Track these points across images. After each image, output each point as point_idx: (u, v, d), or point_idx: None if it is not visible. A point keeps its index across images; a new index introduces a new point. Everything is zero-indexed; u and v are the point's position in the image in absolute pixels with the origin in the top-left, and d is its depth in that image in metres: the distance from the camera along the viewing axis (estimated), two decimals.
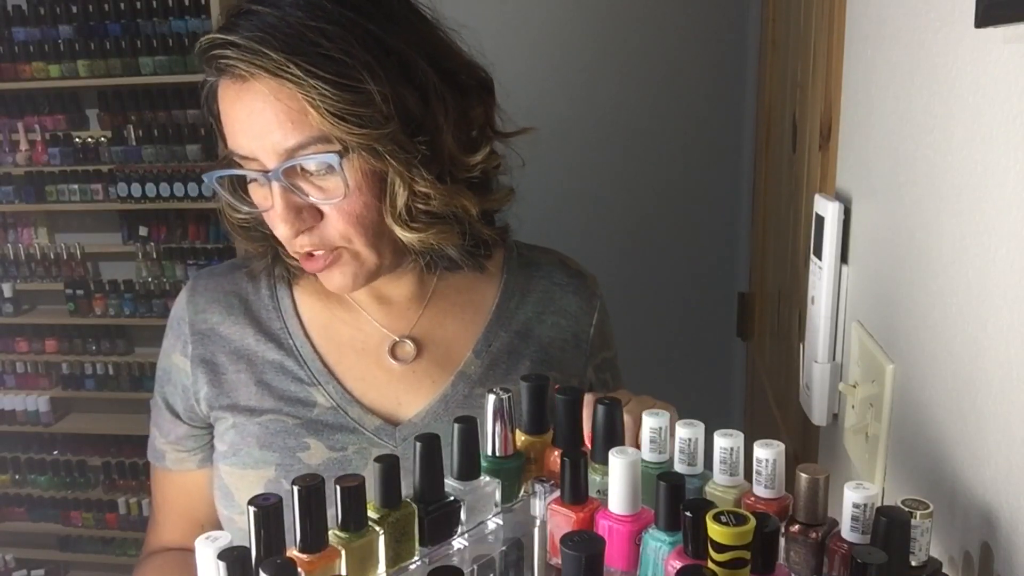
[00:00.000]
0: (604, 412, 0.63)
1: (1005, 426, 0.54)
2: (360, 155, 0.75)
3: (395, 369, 0.89)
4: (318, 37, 0.73)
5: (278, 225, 0.77)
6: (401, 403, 0.88)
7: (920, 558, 0.52)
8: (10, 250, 2.83)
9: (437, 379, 0.89)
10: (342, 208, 0.77)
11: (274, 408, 0.86)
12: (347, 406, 0.86)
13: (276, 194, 0.76)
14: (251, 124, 0.75)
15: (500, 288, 0.95)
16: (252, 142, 0.75)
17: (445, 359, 0.90)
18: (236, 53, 0.73)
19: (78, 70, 2.62)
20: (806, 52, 1.29)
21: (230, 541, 0.49)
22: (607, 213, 2.52)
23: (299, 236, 0.78)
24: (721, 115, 2.45)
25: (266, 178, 0.76)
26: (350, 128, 0.73)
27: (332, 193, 0.77)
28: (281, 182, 0.75)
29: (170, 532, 0.96)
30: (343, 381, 0.88)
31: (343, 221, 0.78)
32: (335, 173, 0.76)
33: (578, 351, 0.96)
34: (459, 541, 0.59)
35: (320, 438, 0.85)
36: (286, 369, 0.87)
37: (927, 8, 0.69)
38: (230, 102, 0.76)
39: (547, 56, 2.41)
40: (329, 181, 0.76)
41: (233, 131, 0.77)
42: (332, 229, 0.78)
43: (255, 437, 0.85)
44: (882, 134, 0.83)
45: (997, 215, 0.55)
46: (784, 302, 1.49)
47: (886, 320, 0.81)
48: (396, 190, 0.77)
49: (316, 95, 0.71)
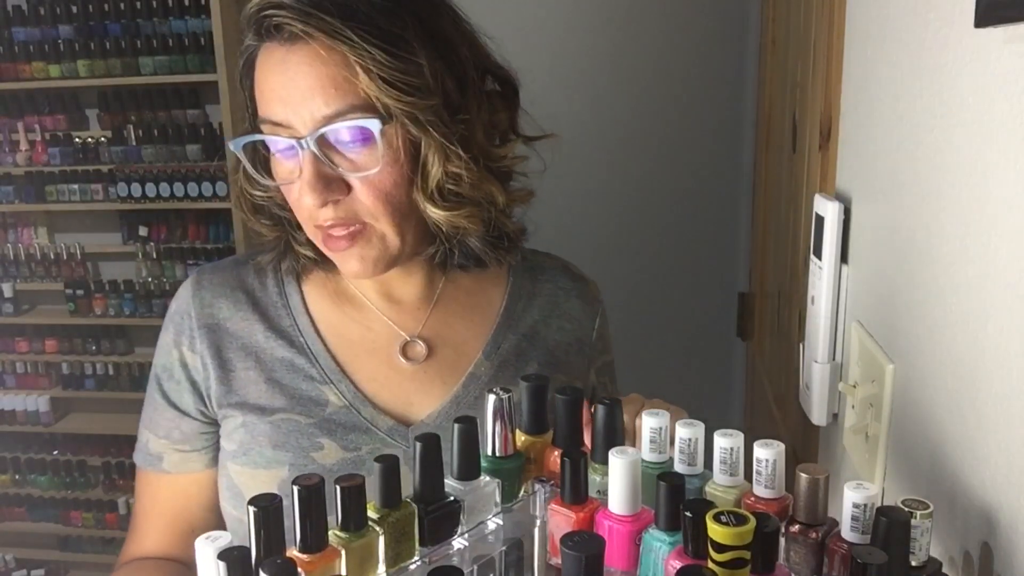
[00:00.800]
0: (604, 412, 0.63)
1: (1005, 426, 0.54)
2: (401, 125, 0.75)
3: (406, 369, 0.89)
4: (369, 8, 0.74)
5: (305, 195, 0.76)
6: (412, 404, 0.88)
7: (920, 558, 0.52)
8: (10, 250, 2.83)
9: (448, 380, 0.89)
10: (372, 182, 0.77)
11: (285, 407, 0.85)
12: (360, 406, 0.86)
13: (306, 161, 0.75)
14: (292, 88, 0.75)
15: (507, 291, 0.95)
16: (289, 107, 0.75)
17: (455, 360, 0.90)
18: (291, 13, 0.73)
19: (78, 70, 2.62)
20: (806, 52, 1.29)
21: (230, 541, 0.49)
22: (607, 213, 2.52)
23: (325, 207, 0.77)
24: (721, 115, 2.45)
25: (300, 145, 0.75)
26: (398, 95, 0.74)
27: (364, 166, 0.77)
28: (313, 150, 0.75)
29: (154, 541, 0.92)
30: (355, 380, 0.87)
31: (372, 196, 0.77)
32: (369, 146, 0.76)
33: (581, 355, 0.97)
34: (459, 541, 0.59)
35: (334, 438, 0.84)
36: (296, 367, 0.87)
37: (927, 8, 0.69)
38: (272, 65, 0.76)
39: (546, 56, 2.41)
40: (362, 154, 0.76)
41: (270, 96, 0.76)
42: (359, 204, 0.78)
43: (267, 436, 0.84)
44: (882, 134, 0.82)
45: (997, 215, 0.55)
46: (784, 302, 1.49)
47: (886, 320, 0.81)
48: (430, 167, 0.77)
49: (370, 60, 0.72)
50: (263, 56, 0.77)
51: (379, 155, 0.76)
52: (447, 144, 0.77)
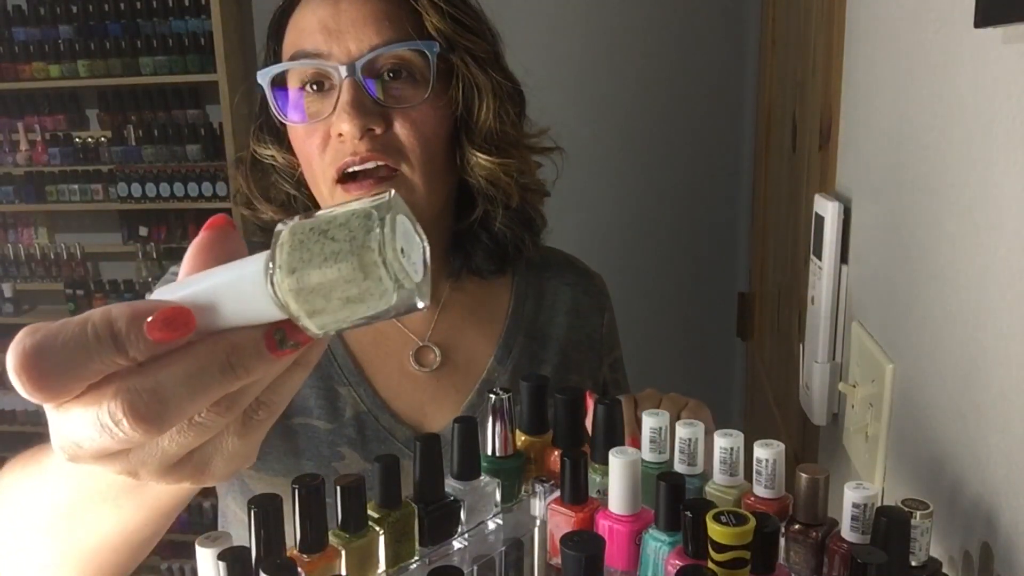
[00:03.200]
0: (604, 412, 0.63)
1: (1005, 426, 0.54)
2: (461, 60, 0.76)
3: (419, 376, 0.87)
4: None
5: (343, 122, 0.73)
6: (427, 413, 0.86)
7: (920, 558, 0.52)
8: (10, 250, 2.83)
9: (461, 387, 0.87)
10: (413, 118, 0.76)
11: (301, 409, 0.82)
12: (378, 412, 0.84)
13: (346, 88, 0.73)
14: (342, 18, 0.74)
15: (512, 292, 0.94)
16: (333, 37, 0.74)
17: (467, 366, 0.88)
18: None
19: (78, 70, 2.62)
20: (806, 51, 1.28)
21: (230, 541, 0.49)
22: (607, 213, 2.52)
23: (361, 140, 0.74)
24: (721, 115, 2.45)
25: (346, 69, 0.73)
26: (462, 31, 0.75)
27: (408, 98, 0.76)
28: (357, 76, 0.73)
29: None
30: (373, 384, 0.85)
31: (411, 132, 0.76)
32: (416, 83, 0.76)
33: (592, 351, 0.96)
34: (459, 541, 0.59)
35: (355, 448, 0.82)
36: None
37: (927, 8, 0.69)
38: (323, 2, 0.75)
39: (546, 56, 2.41)
40: (407, 89, 0.76)
41: (312, 28, 0.75)
42: (396, 140, 0.76)
43: (285, 443, 0.82)
44: (882, 134, 0.82)
45: (997, 215, 0.55)
46: (784, 302, 1.49)
47: (886, 320, 0.81)
48: (482, 110, 0.78)
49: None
50: (306, 2, 0.77)
51: (427, 86, 0.75)
52: (499, 89, 0.78)
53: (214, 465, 0.36)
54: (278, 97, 0.78)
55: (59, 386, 0.31)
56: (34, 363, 0.31)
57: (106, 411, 0.31)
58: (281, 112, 0.79)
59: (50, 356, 0.31)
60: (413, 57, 0.76)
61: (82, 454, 0.34)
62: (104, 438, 0.32)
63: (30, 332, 0.31)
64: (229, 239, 0.35)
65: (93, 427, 0.32)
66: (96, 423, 0.32)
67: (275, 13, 0.81)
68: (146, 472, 0.35)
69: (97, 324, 0.31)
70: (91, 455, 0.34)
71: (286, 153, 0.83)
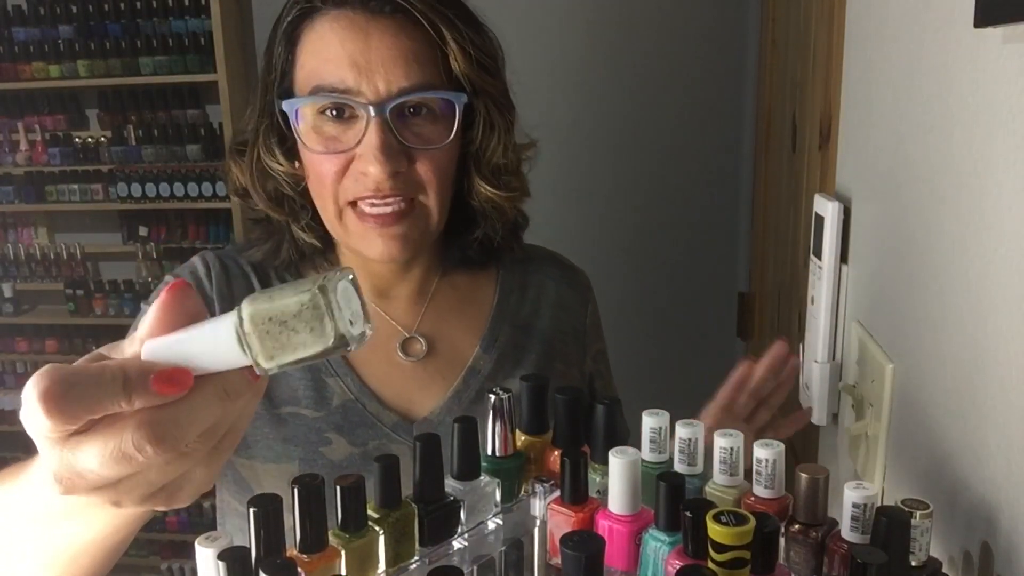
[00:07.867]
0: (604, 412, 0.63)
1: (1005, 426, 0.54)
2: (482, 103, 0.80)
3: (406, 366, 0.89)
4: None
5: (372, 163, 0.76)
6: (414, 401, 0.88)
7: (920, 558, 0.52)
8: (10, 250, 2.83)
9: (447, 376, 0.90)
10: (435, 156, 0.79)
11: (290, 399, 0.85)
12: (365, 400, 0.86)
13: (375, 129, 0.76)
14: (372, 56, 0.76)
15: (498, 285, 0.96)
16: (363, 75, 0.76)
17: (453, 356, 0.91)
18: None
19: (78, 70, 2.62)
20: (806, 52, 1.29)
21: (230, 541, 0.49)
22: (607, 213, 2.52)
23: (388, 179, 0.77)
24: (721, 115, 2.45)
25: (376, 110, 0.75)
26: (484, 75, 0.79)
27: (432, 139, 0.79)
28: (385, 117, 0.76)
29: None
30: (361, 374, 0.87)
31: (431, 170, 0.79)
32: (437, 120, 0.79)
33: (576, 342, 0.98)
34: (459, 541, 0.59)
35: (341, 433, 0.85)
36: None
37: (927, 8, 0.69)
38: (347, 31, 0.76)
39: (545, 56, 2.41)
40: (428, 128, 0.79)
41: (339, 62, 0.76)
42: (417, 177, 0.79)
43: (274, 430, 0.84)
44: (882, 134, 0.82)
45: (997, 215, 0.55)
46: (784, 302, 1.49)
47: (886, 320, 0.81)
48: (494, 146, 0.82)
49: (465, 39, 0.77)
50: (328, 21, 0.77)
51: (451, 130, 0.78)
52: (509, 128, 0.82)
53: (183, 491, 0.44)
54: (295, 113, 0.81)
55: (71, 412, 0.38)
56: (57, 390, 0.38)
57: (130, 440, 0.38)
58: (298, 132, 0.80)
59: (70, 387, 0.38)
60: (439, 100, 0.79)
61: (81, 485, 0.40)
62: (119, 466, 0.39)
63: (53, 366, 0.38)
64: (188, 298, 0.43)
65: (109, 457, 0.39)
66: (115, 453, 0.39)
67: (289, 15, 0.80)
68: (128, 501, 0.42)
69: (113, 369, 0.38)
70: (89, 486, 0.40)
71: (294, 165, 0.84)
